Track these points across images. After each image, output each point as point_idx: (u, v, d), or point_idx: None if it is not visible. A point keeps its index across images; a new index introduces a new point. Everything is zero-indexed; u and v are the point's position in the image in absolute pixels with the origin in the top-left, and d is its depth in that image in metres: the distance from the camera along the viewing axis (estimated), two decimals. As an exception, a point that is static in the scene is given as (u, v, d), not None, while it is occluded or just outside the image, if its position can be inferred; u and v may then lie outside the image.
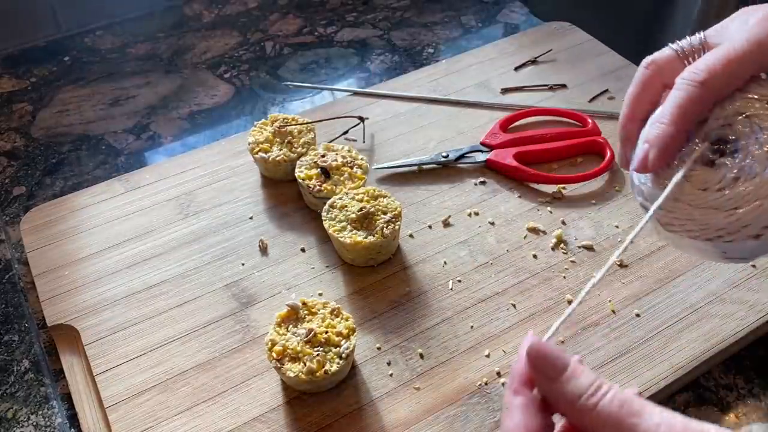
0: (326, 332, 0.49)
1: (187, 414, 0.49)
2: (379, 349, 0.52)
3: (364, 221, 0.56)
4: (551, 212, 0.62)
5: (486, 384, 0.50)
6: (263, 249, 0.60)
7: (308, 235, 0.61)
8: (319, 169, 0.61)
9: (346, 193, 0.58)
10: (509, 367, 0.51)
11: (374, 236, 0.55)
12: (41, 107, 0.77)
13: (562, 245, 0.59)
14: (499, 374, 0.51)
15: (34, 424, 0.51)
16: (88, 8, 0.86)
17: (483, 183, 0.65)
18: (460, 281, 0.57)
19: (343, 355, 0.48)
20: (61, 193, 0.67)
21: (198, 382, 0.51)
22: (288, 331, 0.49)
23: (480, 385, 0.50)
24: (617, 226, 0.61)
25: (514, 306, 0.55)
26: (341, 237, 0.55)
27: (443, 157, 0.66)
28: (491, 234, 0.60)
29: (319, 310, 0.51)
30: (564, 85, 0.75)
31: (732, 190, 0.39)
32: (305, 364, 0.47)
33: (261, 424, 0.48)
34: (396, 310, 0.55)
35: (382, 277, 0.57)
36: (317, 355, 0.47)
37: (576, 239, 0.60)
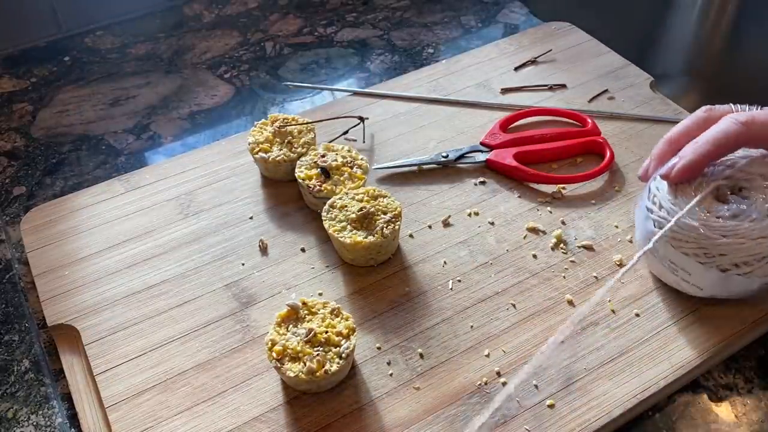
0: (326, 332, 0.49)
1: (187, 414, 0.49)
2: (379, 349, 0.52)
3: (364, 221, 0.56)
4: (551, 212, 0.62)
5: (486, 384, 0.50)
6: (263, 249, 0.60)
7: (308, 235, 0.61)
8: (319, 169, 0.61)
9: (346, 193, 0.58)
10: (509, 367, 0.51)
11: (374, 236, 0.55)
12: (41, 107, 0.77)
13: (562, 245, 0.59)
14: (499, 374, 0.51)
15: (34, 424, 0.51)
16: (88, 8, 0.86)
17: (483, 183, 0.65)
18: (460, 281, 0.57)
19: (343, 355, 0.48)
20: (61, 193, 0.67)
21: (198, 382, 0.51)
22: (288, 331, 0.49)
23: (480, 385, 0.50)
24: (617, 226, 0.61)
25: (514, 306, 0.55)
26: (341, 237, 0.55)
27: (443, 157, 0.66)
28: (491, 234, 0.61)
29: (319, 310, 0.51)
30: (564, 85, 0.75)
31: (727, 222, 0.48)
32: (305, 364, 0.47)
33: (261, 423, 0.48)
34: (396, 310, 0.55)
35: (382, 277, 0.57)
36: (317, 355, 0.47)
37: (576, 239, 0.60)
